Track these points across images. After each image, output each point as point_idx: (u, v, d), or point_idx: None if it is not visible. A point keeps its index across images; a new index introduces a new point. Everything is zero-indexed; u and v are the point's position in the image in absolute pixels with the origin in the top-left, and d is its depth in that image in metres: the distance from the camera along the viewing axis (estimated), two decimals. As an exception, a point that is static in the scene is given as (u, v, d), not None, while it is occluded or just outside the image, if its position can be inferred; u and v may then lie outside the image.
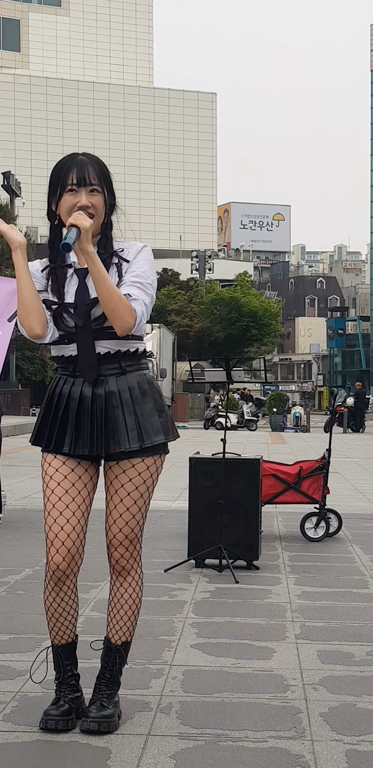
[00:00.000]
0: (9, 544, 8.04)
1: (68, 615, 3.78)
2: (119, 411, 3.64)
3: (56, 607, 3.75)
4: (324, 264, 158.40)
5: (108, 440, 3.65)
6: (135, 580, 3.81)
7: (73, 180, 3.67)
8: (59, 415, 3.69)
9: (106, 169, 3.77)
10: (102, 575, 6.75)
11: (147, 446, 3.67)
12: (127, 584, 3.81)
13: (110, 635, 3.80)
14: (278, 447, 24.05)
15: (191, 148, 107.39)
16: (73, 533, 3.67)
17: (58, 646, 3.81)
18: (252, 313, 60.74)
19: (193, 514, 7.28)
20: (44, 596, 3.79)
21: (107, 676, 3.77)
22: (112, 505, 3.73)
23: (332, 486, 9.96)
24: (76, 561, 3.73)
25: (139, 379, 3.70)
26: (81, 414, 3.66)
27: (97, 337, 3.63)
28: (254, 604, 5.95)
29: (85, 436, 3.66)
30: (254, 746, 3.59)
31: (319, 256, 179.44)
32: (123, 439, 3.64)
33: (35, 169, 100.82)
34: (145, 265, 3.68)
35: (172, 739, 3.65)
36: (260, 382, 34.80)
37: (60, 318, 3.68)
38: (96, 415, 3.65)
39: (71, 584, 3.76)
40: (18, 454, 19.24)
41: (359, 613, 5.77)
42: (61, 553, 3.67)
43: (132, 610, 3.80)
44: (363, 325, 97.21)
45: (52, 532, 3.67)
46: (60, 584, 3.72)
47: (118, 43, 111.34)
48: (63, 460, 3.69)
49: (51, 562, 3.69)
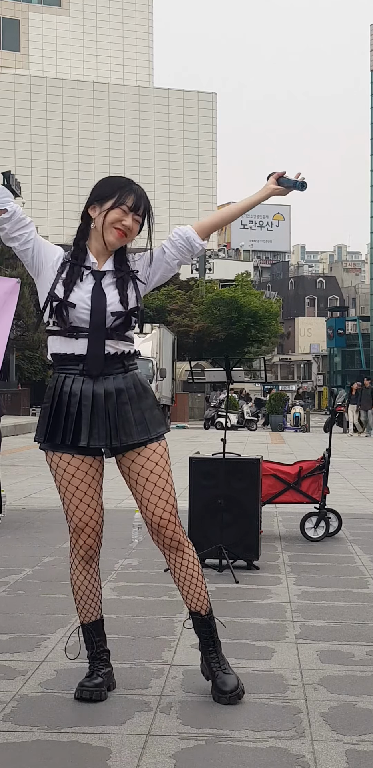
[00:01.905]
0: (9, 544, 8.04)
1: (96, 592, 4.16)
2: (128, 406, 3.99)
3: (86, 586, 4.14)
4: (324, 264, 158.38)
5: (120, 433, 3.98)
6: (191, 551, 4.11)
7: (130, 203, 4.04)
8: (73, 412, 3.98)
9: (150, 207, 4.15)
10: (102, 575, 6.73)
11: (153, 437, 4.03)
12: (186, 557, 4.09)
13: (194, 607, 4.12)
14: (278, 447, 24.06)
15: (191, 148, 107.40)
16: (99, 518, 4.09)
17: (89, 624, 4.18)
18: (252, 313, 60.72)
19: (193, 514, 7.28)
20: (72, 580, 4.16)
21: (211, 644, 4.14)
22: (149, 490, 4.04)
23: (332, 486, 9.97)
24: (100, 540, 4.14)
25: (138, 377, 4.07)
26: (96, 410, 3.96)
27: (109, 336, 3.97)
28: (254, 604, 5.96)
29: (101, 430, 3.97)
30: (254, 746, 3.59)
31: (319, 256, 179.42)
32: (134, 432, 4.00)
33: (35, 169, 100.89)
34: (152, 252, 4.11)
35: (172, 739, 3.65)
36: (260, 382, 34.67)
37: (58, 313, 3.97)
38: (109, 411, 3.97)
39: (97, 564, 4.16)
40: (18, 454, 19.24)
41: (359, 613, 5.77)
42: (92, 537, 4.08)
43: (200, 577, 4.11)
44: (363, 325, 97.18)
45: (83, 522, 4.06)
46: (90, 563, 4.12)
47: (118, 43, 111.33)
48: (72, 456, 4.01)
49: (83, 545, 4.08)
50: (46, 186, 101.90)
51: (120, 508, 10.59)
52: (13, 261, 48.11)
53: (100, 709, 3.97)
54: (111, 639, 5.00)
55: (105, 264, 4.06)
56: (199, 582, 4.10)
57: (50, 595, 6.13)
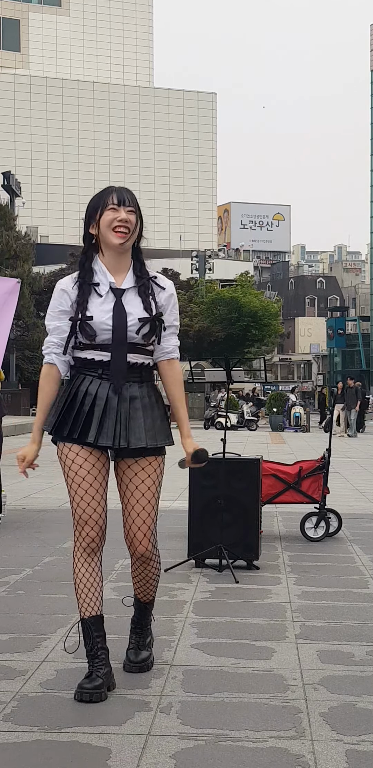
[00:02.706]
0: (9, 544, 8.04)
1: (98, 587, 4.24)
2: (140, 413, 4.21)
3: (88, 578, 4.23)
4: (324, 264, 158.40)
5: (130, 435, 4.18)
6: (156, 562, 4.39)
7: (114, 200, 4.20)
8: (84, 410, 4.17)
9: (136, 200, 4.31)
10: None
11: (159, 446, 4.25)
12: (150, 567, 4.37)
13: (140, 597, 4.48)
14: (278, 447, 24.06)
15: (191, 148, 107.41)
16: (102, 512, 4.25)
17: (88, 619, 4.24)
18: (252, 313, 60.70)
19: (193, 514, 7.28)
20: (75, 573, 4.25)
21: (142, 624, 4.51)
22: (134, 500, 4.29)
23: (332, 486, 9.97)
24: (103, 536, 4.29)
25: (152, 388, 4.30)
26: (107, 411, 4.17)
27: (132, 350, 4.20)
28: (254, 604, 5.95)
29: (109, 430, 4.16)
30: (254, 746, 3.59)
31: (319, 256, 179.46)
32: (143, 437, 4.19)
33: (35, 169, 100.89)
34: (175, 310, 4.34)
35: (172, 739, 3.65)
36: (260, 382, 34.71)
37: (81, 329, 4.19)
38: (121, 414, 4.18)
39: (99, 558, 4.27)
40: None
41: (359, 613, 5.77)
42: (95, 530, 4.23)
43: (156, 580, 4.45)
44: (363, 325, 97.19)
45: (86, 513, 4.21)
46: (92, 556, 4.24)
47: (118, 43, 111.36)
48: (82, 448, 4.19)
49: (86, 537, 4.21)
50: (46, 186, 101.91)
51: (120, 508, 10.59)
52: (13, 261, 48.14)
53: (100, 709, 3.97)
54: (111, 639, 5.00)
55: (125, 280, 4.24)
56: (151, 583, 4.44)
57: (50, 595, 6.13)
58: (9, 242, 48.08)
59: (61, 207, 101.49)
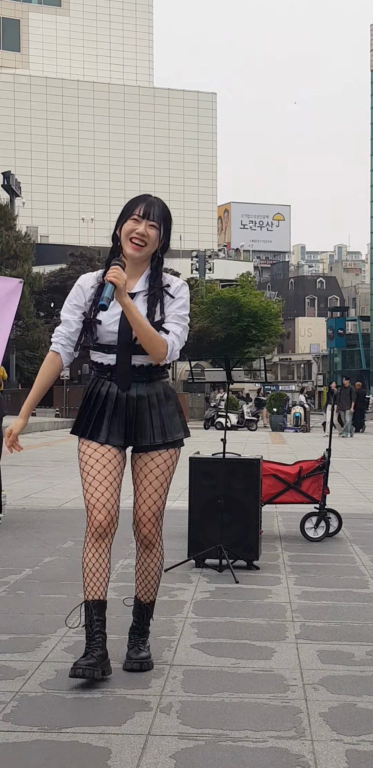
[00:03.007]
0: (9, 544, 8.04)
1: (103, 572, 4.39)
2: (147, 413, 4.41)
3: (94, 562, 4.38)
4: (324, 264, 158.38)
5: (137, 435, 4.41)
6: (159, 551, 4.55)
7: (139, 212, 4.39)
8: (96, 410, 4.41)
9: (168, 214, 4.50)
10: (102, 575, 6.75)
11: (169, 441, 4.43)
12: (153, 555, 4.53)
13: (140, 596, 4.60)
14: (278, 447, 24.06)
15: (191, 148, 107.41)
16: (111, 498, 4.38)
17: (91, 602, 4.40)
18: (252, 313, 60.72)
19: (193, 514, 7.28)
20: (83, 555, 4.43)
21: (140, 628, 4.60)
22: (142, 488, 4.47)
23: (332, 486, 9.97)
24: (113, 523, 4.40)
25: (163, 386, 4.48)
26: (116, 411, 4.40)
27: (136, 351, 4.36)
28: (254, 604, 5.95)
29: (119, 429, 4.40)
30: (254, 746, 3.59)
31: (319, 256, 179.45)
32: (149, 435, 4.40)
33: (35, 169, 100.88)
34: (181, 302, 4.46)
35: (172, 739, 3.65)
36: (260, 382, 34.74)
37: (88, 329, 4.42)
38: (129, 414, 4.39)
39: (108, 544, 4.40)
40: (18, 454, 19.23)
41: (359, 613, 5.77)
42: (103, 513, 4.36)
43: (157, 575, 4.58)
44: (363, 325, 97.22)
45: (94, 497, 4.37)
46: (100, 541, 4.38)
47: (118, 43, 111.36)
48: (99, 445, 4.41)
49: (94, 520, 4.36)
50: (46, 186, 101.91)
51: (120, 508, 10.59)
52: (13, 261, 48.15)
53: (100, 709, 3.97)
54: (111, 639, 5.00)
55: (137, 284, 4.42)
56: (153, 580, 4.57)
57: (50, 595, 6.13)
58: (9, 242, 48.10)
59: (61, 207, 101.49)
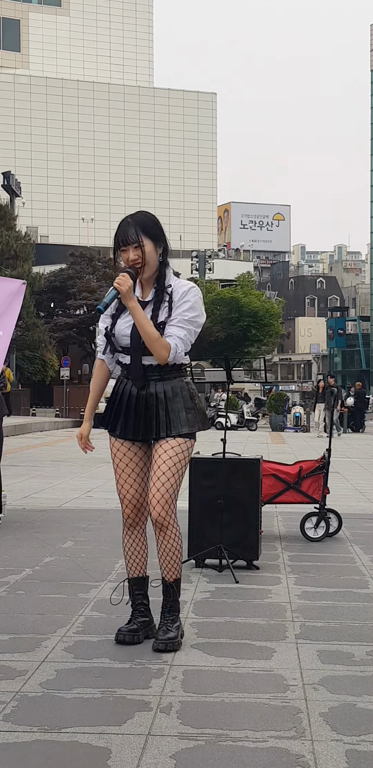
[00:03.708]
0: (9, 544, 8.04)
1: (138, 553, 5.01)
2: (154, 409, 4.82)
3: (130, 546, 5.01)
4: (324, 264, 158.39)
5: (145, 430, 4.84)
6: (173, 533, 4.85)
7: (119, 243, 4.82)
8: (113, 408, 4.94)
9: (151, 221, 4.85)
10: (102, 575, 6.75)
11: (173, 435, 4.80)
12: (168, 537, 4.85)
13: (164, 575, 4.93)
14: (278, 447, 24.06)
15: (191, 148, 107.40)
16: (137, 492, 4.94)
17: (131, 579, 5.02)
18: (253, 313, 60.71)
19: (193, 514, 7.27)
20: (122, 541, 5.07)
21: (168, 606, 4.92)
22: (152, 474, 4.84)
23: (332, 486, 9.97)
24: (142, 512, 4.98)
25: (173, 384, 4.85)
26: (130, 408, 4.87)
27: (145, 353, 4.79)
28: (254, 604, 5.95)
29: (131, 424, 4.87)
30: (254, 746, 3.59)
31: (319, 256, 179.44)
32: (155, 430, 4.82)
33: (35, 169, 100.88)
34: (186, 305, 4.81)
35: (172, 739, 3.65)
36: (260, 382, 34.73)
37: (110, 339, 4.91)
38: (139, 410, 4.84)
39: (140, 530, 5.01)
40: (18, 454, 19.25)
41: (359, 613, 5.77)
42: (130, 507, 4.97)
43: (176, 555, 4.90)
44: (363, 325, 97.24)
45: (121, 493, 4.98)
46: (132, 529, 5.00)
47: (118, 43, 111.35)
48: (124, 442, 4.92)
49: (124, 512, 5.00)
50: (46, 186, 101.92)
51: (120, 508, 10.58)
52: (13, 261, 48.13)
53: (100, 709, 3.97)
54: (111, 639, 5.01)
55: (149, 293, 4.85)
56: (172, 559, 4.89)
57: (50, 595, 6.13)
58: (9, 242, 48.07)
59: (61, 207, 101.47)
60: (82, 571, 6.94)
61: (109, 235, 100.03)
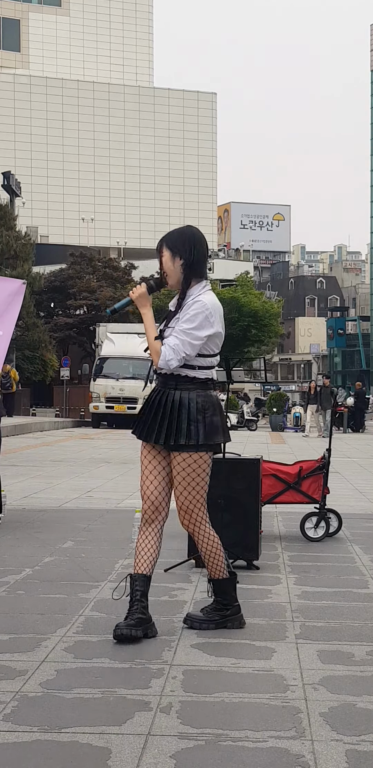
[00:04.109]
0: (9, 544, 8.04)
1: (148, 552, 5.15)
2: (159, 417, 5.11)
3: (141, 542, 5.17)
4: (324, 264, 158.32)
5: (157, 434, 5.12)
6: (201, 537, 5.22)
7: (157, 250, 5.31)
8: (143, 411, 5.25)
9: (176, 235, 5.22)
10: (102, 575, 6.75)
11: (171, 444, 5.08)
12: (199, 541, 5.24)
13: (209, 571, 5.34)
14: (278, 447, 24.06)
15: (191, 148, 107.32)
16: (155, 491, 5.17)
17: (134, 575, 5.13)
18: (252, 313, 60.67)
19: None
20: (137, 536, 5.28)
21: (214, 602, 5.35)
22: (175, 488, 5.20)
23: (332, 486, 9.96)
24: (159, 511, 5.19)
25: (183, 395, 5.10)
26: (150, 412, 5.18)
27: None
28: (254, 604, 5.95)
29: (150, 428, 5.15)
30: (254, 746, 3.59)
31: (319, 256, 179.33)
32: (157, 437, 5.11)
33: (35, 169, 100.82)
34: (186, 317, 5.09)
35: (172, 739, 3.65)
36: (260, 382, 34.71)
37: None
38: (158, 415, 5.13)
39: (154, 529, 5.18)
40: (18, 454, 19.24)
41: (359, 613, 5.77)
42: (147, 504, 5.18)
43: (211, 556, 5.26)
44: (363, 325, 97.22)
45: (142, 490, 5.22)
46: (147, 524, 5.18)
47: (118, 43, 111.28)
48: (147, 444, 5.18)
49: (142, 508, 5.22)
50: (46, 186, 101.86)
51: (120, 508, 10.59)
52: (13, 261, 48.12)
53: (100, 709, 3.97)
54: (111, 639, 5.01)
55: (175, 303, 5.22)
56: (209, 560, 5.26)
57: (50, 595, 6.13)
58: (9, 242, 48.05)
59: (61, 207, 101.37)
60: (82, 571, 6.94)
61: (109, 235, 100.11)
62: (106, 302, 53.89)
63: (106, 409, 36.32)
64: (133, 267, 61.91)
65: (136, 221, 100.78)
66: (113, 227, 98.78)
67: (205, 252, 5.25)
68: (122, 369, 36.62)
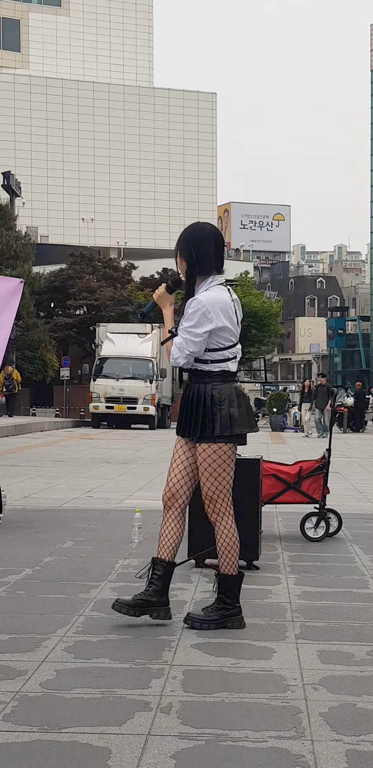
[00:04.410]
0: (9, 544, 8.03)
1: (168, 536, 5.35)
2: (184, 411, 5.35)
3: (163, 526, 5.37)
4: (324, 264, 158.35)
5: (181, 428, 5.39)
6: (221, 529, 5.36)
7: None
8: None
9: (182, 235, 5.35)
10: (102, 575, 6.75)
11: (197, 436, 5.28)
12: (217, 532, 5.38)
13: (219, 566, 5.42)
14: (278, 447, 24.05)
15: (191, 148, 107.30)
16: (175, 478, 5.37)
17: (156, 558, 5.34)
18: (252, 313, 60.66)
19: (193, 514, 7.26)
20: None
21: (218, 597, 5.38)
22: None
23: (332, 486, 9.96)
24: (176, 498, 5.36)
25: (200, 389, 5.30)
26: (180, 409, 5.45)
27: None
28: (254, 604, 5.95)
29: (178, 423, 5.43)
30: (254, 746, 3.59)
31: (319, 256, 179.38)
32: (182, 430, 5.36)
33: (35, 169, 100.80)
34: (185, 316, 5.26)
35: (172, 739, 3.65)
36: (260, 382, 34.79)
37: None
38: (182, 410, 5.39)
39: (173, 514, 5.37)
40: (18, 454, 19.24)
41: (359, 613, 5.77)
42: (165, 489, 5.41)
43: (225, 549, 5.35)
44: (363, 325, 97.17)
45: (167, 476, 5.42)
46: (166, 510, 5.39)
47: (118, 43, 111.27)
48: (180, 437, 5.41)
49: (162, 492, 5.45)
50: (46, 186, 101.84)
51: (120, 508, 10.59)
52: (13, 261, 48.11)
53: (100, 709, 3.97)
54: (111, 639, 5.01)
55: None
56: (222, 553, 5.34)
57: (50, 595, 6.13)
58: (9, 242, 48.05)
59: (61, 207, 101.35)
60: (82, 571, 6.94)
61: (109, 235, 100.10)
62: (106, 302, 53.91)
63: (106, 409, 36.35)
64: (133, 267, 61.89)
65: (136, 221, 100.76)
66: (113, 227, 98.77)
67: (208, 247, 5.27)
68: (122, 369, 36.65)
